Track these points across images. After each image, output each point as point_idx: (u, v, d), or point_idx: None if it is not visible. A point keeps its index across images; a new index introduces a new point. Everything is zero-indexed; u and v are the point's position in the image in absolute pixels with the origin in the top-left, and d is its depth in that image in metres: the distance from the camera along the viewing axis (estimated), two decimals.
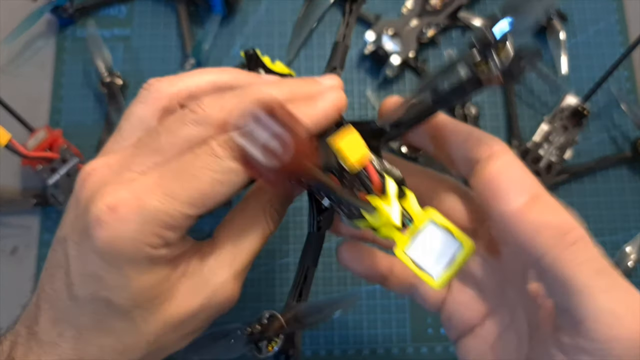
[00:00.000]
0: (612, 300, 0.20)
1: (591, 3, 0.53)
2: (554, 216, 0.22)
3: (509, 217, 0.22)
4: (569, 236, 0.21)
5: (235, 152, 0.23)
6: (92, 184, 0.23)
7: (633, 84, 0.51)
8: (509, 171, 0.22)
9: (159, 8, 0.52)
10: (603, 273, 0.21)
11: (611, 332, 0.20)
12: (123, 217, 0.22)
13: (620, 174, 0.49)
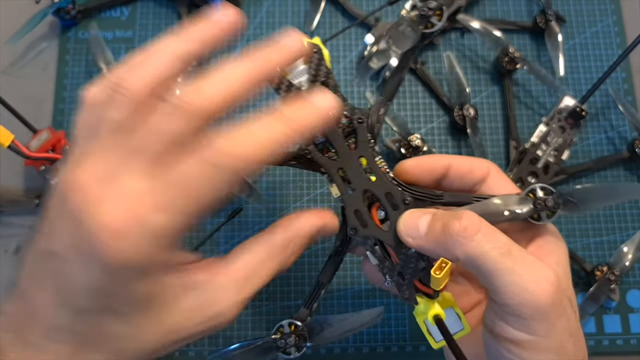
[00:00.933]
0: (515, 275, 0.26)
1: (589, 5, 0.54)
2: (447, 225, 0.27)
3: (422, 248, 0.29)
4: (465, 233, 0.27)
5: (232, 159, 0.23)
6: (83, 199, 0.22)
7: (630, 86, 0.52)
8: (410, 217, 0.30)
9: (160, 10, 0.52)
10: (506, 255, 0.26)
11: (518, 298, 0.26)
12: (126, 236, 0.22)
13: (617, 174, 0.49)
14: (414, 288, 0.30)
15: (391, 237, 0.30)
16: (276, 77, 0.31)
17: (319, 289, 0.33)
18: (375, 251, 0.31)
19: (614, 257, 0.45)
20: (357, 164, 0.31)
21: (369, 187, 0.31)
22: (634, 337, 0.45)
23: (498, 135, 0.50)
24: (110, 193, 0.22)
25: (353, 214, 0.31)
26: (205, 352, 0.44)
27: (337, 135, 0.32)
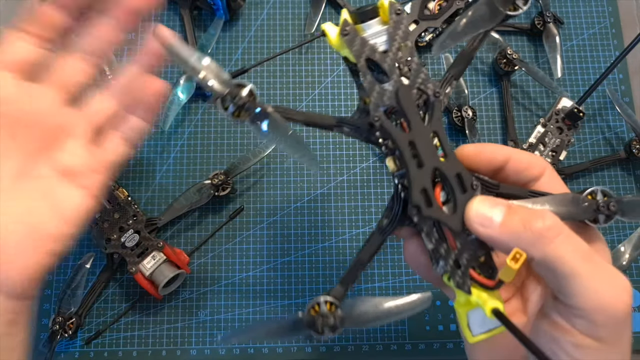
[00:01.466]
0: (594, 281, 0.26)
1: (586, 7, 0.54)
2: (528, 222, 0.27)
3: (494, 238, 0.27)
4: (547, 233, 0.26)
5: None
6: None
7: (627, 87, 0.52)
8: (481, 205, 0.28)
9: (162, 12, 0.53)
10: (586, 260, 0.26)
11: (594, 304, 0.26)
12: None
13: (614, 175, 0.50)
14: (470, 278, 0.28)
15: (457, 221, 0.28)
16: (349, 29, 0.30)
17: (358, 267, 0.30)
18: (433, 234, 0.29)
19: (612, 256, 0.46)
20: (430, 139, 0.29)
21: (439, 166, 0.29)
22: (633, 336, 0.46)
23: (496, 136, 0.50)
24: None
25: (419, 192, 0.29)
26: (207, 351, 0.45)
27: (413, 107, 0.30)
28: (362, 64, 0.30)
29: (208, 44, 0.49)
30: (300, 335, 0.30)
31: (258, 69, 0.51)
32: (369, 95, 0.30)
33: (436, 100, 0.30)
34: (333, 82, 0.51)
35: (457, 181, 0.29)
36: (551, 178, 0.31)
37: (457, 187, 0.29)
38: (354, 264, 0.30)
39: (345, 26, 0.30)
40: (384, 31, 0.31)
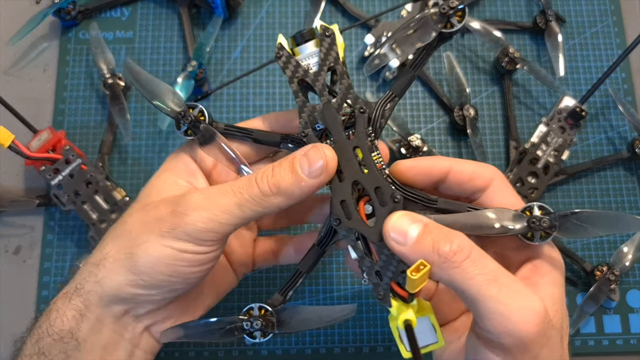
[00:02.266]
0: (501, 305, 0.26)
1: (589, 5, 0.54)
2: (437, 243, 0.27)
3: (405, 256, 0.28)
4: (453, 257, 0.26)
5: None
6: None
7: (630, 86, 0.52)
8: (401, 220, 0.28)
9: (161, 10, 0.52)
10: (492, 282, 0.26)
11: (500, 327, 0.26)
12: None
13: (617, 174, 0.49)
14: (391, 290, 0.29)
15: (375, 233, 0.29)
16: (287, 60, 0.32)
17: (296, 277, 0.32)
18: (357, 246, 0.30)
19: (614, 257, 0.45)
20: (351, 154, 0.31)
21: (359, 179, 0.30)
22: (633, 337, 0.45)
23: (498, 136, 0.50)
24: None
25: (339, 204, 0.30)
26: (206, 353, 0.44)
27: (336, 123, 0.31)
28: (295, 85, 0.32)
29: (207, 43, 0.49)
30: (233, 337, 0.31)
31: (244, 79, 0.51)
32: (300, 112, 0.32)
33: (360, 116, 0.31)
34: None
35: (377, 194, 0.30)
36: (499, 189, 0.31)
37: (375, 200, 0.30)
38: (292, 274, 0.32)
39: (280, 50, 0.32)
40: (317, 53, 0.32)
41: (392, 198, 0.30)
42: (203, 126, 0.33)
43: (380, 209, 0.30)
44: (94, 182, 0.44)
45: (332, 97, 0.32)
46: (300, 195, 0.30)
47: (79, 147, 0.47)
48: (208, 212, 0.30)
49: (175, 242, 0.30)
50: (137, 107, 0.50)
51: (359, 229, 0.30)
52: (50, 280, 0.46)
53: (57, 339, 0.30)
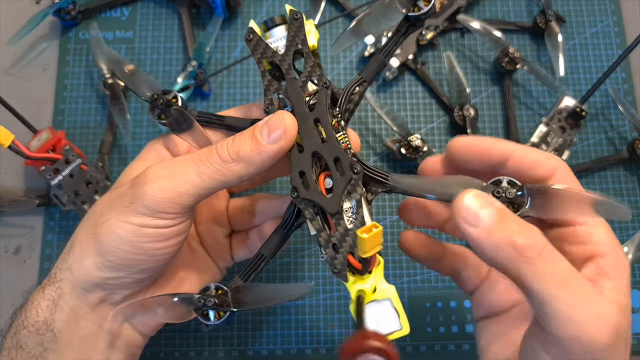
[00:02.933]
0: (570, 308, 0.24)
1: (589, 5, 0.54)
2: (513, 236, 0.25)
3: (474, 240, 0.25)
4: (527, 252, 0.24)
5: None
6: None
7: (630, 86, 0.52)
8: (474, 201, 0.25)
9: (161, 10, 0.52)
10: (564, 284, 0.24)
11: (569, 333, 0.24)
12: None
13: (617, 174, 0.49)
14: (347, 263, 0.28)
15: (333, 204, 0.29)
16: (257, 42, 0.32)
17: (258, 261, 0.31)
18: (315, 219, 0.29)
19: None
20: (311, 125, 0.30)
21: (318, 149, 0.30)
22: (633, 337, 0.45)
23: (498, 136, 0.50)
24: None
25: (297, 175, 0.30)
26: (206, 353, 0.44)
27: (299, 97, 0.31)
28: (262, 66, 0.32)
29: (207, 42, 0.49)
30: (188, 315, 0.31)
31: (244, 80, 0.51)
32: (266, 91, 0.32)
33: (322, 90, 0.31)
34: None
35: (337, 165, 0.30)
36: (563, 180, 0.28)
37: (334, 170, 0.29)
38: (254, 257, 0.32)
39: (250, 33, 0.32)
40: (284, 36, 0.33)
41: (352, 169, 0.29)
42: (175, 110, 0.33)
43: (339, 179, 0.29)
44: (94, 182, 0.44)
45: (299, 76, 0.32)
46: (260, 162, 0.29)
47: (79, 147, 0.47)
48: (166, 181, 0.29)
49: (135, 217, 0.29)
50: (137, 107, 0.50)
51: (317, 200, 0.29)
52: None
53: (33, 330, 0.30)
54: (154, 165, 0.30)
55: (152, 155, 0.35)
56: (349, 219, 0.29)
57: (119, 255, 0.30)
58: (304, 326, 0.45)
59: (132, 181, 0.30)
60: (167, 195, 0.29)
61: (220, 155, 0.29)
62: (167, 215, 0.30)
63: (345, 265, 0.28)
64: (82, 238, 0.31)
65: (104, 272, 0.30)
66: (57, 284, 0.31)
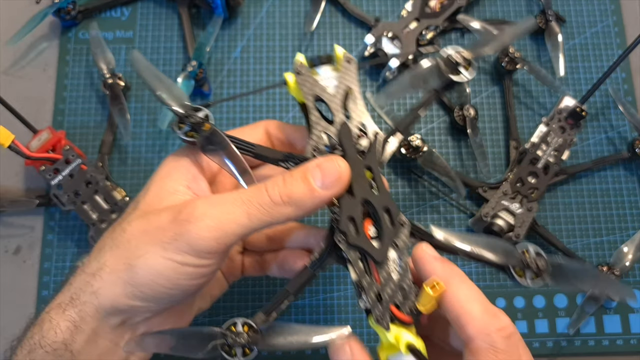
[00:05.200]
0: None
1: (589, 5, 0.54)
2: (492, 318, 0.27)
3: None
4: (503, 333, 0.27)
5: None
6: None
7: (630, 86, 0.52)
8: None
9: (161, 10, 0.52)
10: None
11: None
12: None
13: (617, 174, 0.49)
14: (390, 313, 0.28)
15: (382, 253, 0.29)
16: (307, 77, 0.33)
17: (282, 298, 0.30)
18: (357, 265, 0.29)
19: (614, 257, 0.45)
20: (362, 172, 0.31)
21: (369, 198, 0.30)
22: (634, 337, 0.45)
23: (498, 136, 0.50)
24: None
25: (347, 219, 0.30)
26: None
27: (350, 141, 0.31)
28: (311, 101, 0.32)
29: (207, 42, 0.49)
30: (210, 352, 0.28)
31: (244, 79, 0.51)
32: (313, 129, 0.32)
33: (375, 139, 0.32)
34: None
35: (386, 214, 0.30)
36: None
37: (386, 219, 0.30)
38: (279, 294, 0.30)
39: (300, 67, 0.33)
40: (335, 77, 0.33)
41: (400, 221, 0.30)
42: (211, 130, 0.31)
43: (389, 229, 0.30)
44: (94, 182, 0.44)
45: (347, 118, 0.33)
46: (311, 206, 0.29)
47: (79, 147, 0.47)
48: (213, 220, 0.29)
49: (177, 254, 0.29)
50: (137, 107, 0.50)
51: (366, 247, 0.29)
52: (50, 280, 0.45)
53: (50, 351, 0.29)
54: (199, 201, 0.30)
55: (181, 172, 0.32)
56: (392, 269, 0.30)
57: (153, 288, 0.29)
58: None
59: (174, 215, 0.29)
60: (213, 235, 0.29)
61: (272, 197, 0.29)
62: (210, 255, 0.29)
63: (387, 315, 0.28)
64: (114, 265, 0.30)
65: (134, 302, 0.30)
66: (81, 306, 0.30)
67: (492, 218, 0.44)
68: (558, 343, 0.45)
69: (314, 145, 0.32)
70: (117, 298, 0.29)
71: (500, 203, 0.45)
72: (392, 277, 0.29)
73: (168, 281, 0.29)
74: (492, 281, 0.47)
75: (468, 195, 0.48)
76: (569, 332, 0.44)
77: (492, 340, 0.26)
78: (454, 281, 0.28)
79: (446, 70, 0.34)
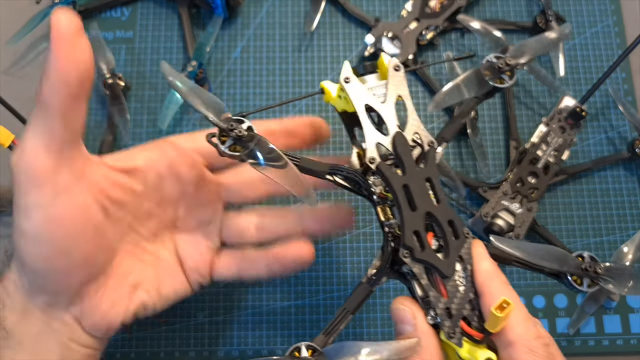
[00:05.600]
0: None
1: (589, 5, 0.54)
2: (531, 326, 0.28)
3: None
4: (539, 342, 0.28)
5: None
6: None
7: (630, 86, 0.52)
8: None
9: (161, 10, 0.52)
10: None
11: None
12: None
13: (617, 174, 0.49)
14: (460, 329, 0.28)
15: (449, 267, 0.28)
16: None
17: (342, 318, 0.29)
18: (423, 279, 0.29)
19: (614, 257, 0.45)
20: (423, 184, 0.30)
21: (432, 210, 0.29)
22: (634, 337, 0.45)
23: (498, 136, 0.50)
24: None
25: (412, 234, 0.29)
26: (205, 353, 0.44)
27: (408, 152, 0.31)
28: (362, 109, 0.31)
29: (207, 43, 0.49)
30: None
31: (244, 79, 0.51)
32: (367, 138, 0.31)
33: (430, 150, 0.31)
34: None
35: (450, 227, 0.29)
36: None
37: (449, 233, 0.29)
38: (338, 314, 0.29)
39: (348, 76, 0.32)
40: (383, 85, 0.32)
41: (464, 232, 0.30)
42: (256, 142, 0.30)
43: (453, 241, 0.29)
44: None
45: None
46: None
47: None
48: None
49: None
50: (137, 107, 0.50)
51: (433, 262, 0.29)
52: None
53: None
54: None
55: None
56: (458, 282, 0.29)
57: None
58: (304, 326, 0.45)
59: None
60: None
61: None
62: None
63: (458, 330, 0.28)
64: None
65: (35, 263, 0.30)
66: (5, 282, 0.31)
67: (492, 218, 0.44)
68: (558, 343, 0.44)
69: (370, 157, 0.31)
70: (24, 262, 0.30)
71: (500, 203, 0.45)
72: (458, 290, 0.29)
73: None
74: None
75: (468, 195, 0.48)
76: (569, 332, 0.44)
77: (532, 346, 0.27)
78: (495, 283, 0.29)
79: (490, 76, 0.34)
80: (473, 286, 0.29)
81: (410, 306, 0.29)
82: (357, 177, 0.31)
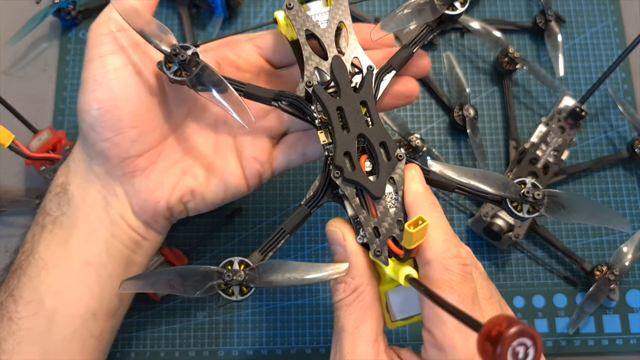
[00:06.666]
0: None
1: (588, 5, 0.54)
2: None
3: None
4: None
5: None
6: None
7: (630, 86, 0.52)
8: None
9: (161, 10, 0.52)
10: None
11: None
12: None
13: (617, 174, 0.49)
14: (387, 248, 0.28)
15: (378, 188, 0.29)
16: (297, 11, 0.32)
17: (279, 237, 0.30)
18: (354, 200, 0.29)
19: (614, 257, 0.45)
20: (358, 107, 0.31)
21: (365, 132, 0.30)
22: (633, 337, 0.45)
23: (498, 136, 0.50)
24: None
25: (342, 155, 0.30)
26: (206, 353, 0.44)
27: (345, 75, 0.31)
28: (303, 37, 0.32)
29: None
30: (207, 291, 0.28)
31: None
32: (306, 65, 0.32)
33: (368, 73, 0.32)
34: None
35: (382, 149, 0.30)
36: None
37: (380, 155, 0.30)
38: (275, 233, 0.30)
39: (290, 2, 0.32)
40: (327, 11, 0.33)
41: (397, 155, 0.30)
42: (201, 67, 0.31)
43: (385, 163, 0.30)
44: None
45: (341, 53, 0.32)
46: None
47: None
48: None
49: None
50: None
51: (363, 182, 0.29)
52: None
53: (54, 194, 0.35)
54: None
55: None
56: (389, 203, 0.30)
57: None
58: (304, 326, 0.45)
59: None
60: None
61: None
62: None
63: (386, 249, 0.28)
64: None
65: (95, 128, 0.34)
66: (72, 155, 0.36)
67: (491, 218, 0.44)
68: (557, 343, 0.45)
69: (306, 80, 0.32)
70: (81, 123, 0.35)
71: None
72: (389, 211, 0.29)
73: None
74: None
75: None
76: (568, 332, 0.44)
77: (447, 264, 0.27)
78: (423, 204, 0.29)
79: (440, 4, 0.33)
80: (404, 208, 0.29)
81: (340, 227, 0.30)
82: (301, 103, 0.32)
